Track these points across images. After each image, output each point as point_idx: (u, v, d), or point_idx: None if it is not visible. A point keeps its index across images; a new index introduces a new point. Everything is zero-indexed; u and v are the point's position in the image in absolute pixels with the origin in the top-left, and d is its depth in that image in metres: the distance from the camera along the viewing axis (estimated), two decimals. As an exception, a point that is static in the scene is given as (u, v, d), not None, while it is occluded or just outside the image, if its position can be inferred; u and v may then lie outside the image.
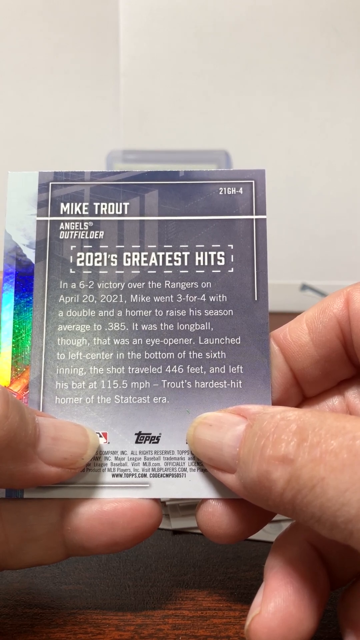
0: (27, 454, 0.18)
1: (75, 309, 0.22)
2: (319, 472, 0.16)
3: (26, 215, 0.23)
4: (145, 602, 0.22)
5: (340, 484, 0.15)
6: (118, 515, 0.20)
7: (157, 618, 0.21)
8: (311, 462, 0.16)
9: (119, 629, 0.21)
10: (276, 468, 0.17)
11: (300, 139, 0.70)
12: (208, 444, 0.20)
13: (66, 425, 0.20)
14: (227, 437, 0.19)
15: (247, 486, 0.18)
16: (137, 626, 0.21)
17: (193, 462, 0.21)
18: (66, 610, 0.22)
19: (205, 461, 0.20)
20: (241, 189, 0.23)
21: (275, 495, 0.17)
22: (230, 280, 0.22)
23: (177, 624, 0.21)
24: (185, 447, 0.21)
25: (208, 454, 0.20)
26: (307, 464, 0.16)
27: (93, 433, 0.21)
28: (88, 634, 0.20)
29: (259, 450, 0.18)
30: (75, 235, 0.23)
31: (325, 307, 0.22)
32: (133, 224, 0.23)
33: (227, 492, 0.21)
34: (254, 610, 0.18)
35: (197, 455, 0.21)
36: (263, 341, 0.22)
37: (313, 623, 0.18)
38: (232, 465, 0.19)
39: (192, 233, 0.23)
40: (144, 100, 0.69)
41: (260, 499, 0.18)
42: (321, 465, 0.16)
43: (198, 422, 0.21)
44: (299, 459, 0.16)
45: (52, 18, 0.69)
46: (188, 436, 0.21)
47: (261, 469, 0.17)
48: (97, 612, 0.22)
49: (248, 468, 0.18)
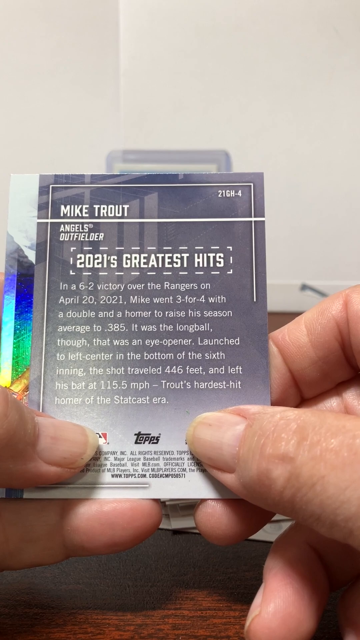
0: (26, 453, 0.18)
1: (75, 310, 0.22)
2: (319, 470, 0.16)
3: (27, 217, 0.23)
4: (145, 602, 0.22)
5: (340, 481, 0.16)
6: (117, 516, 0.20)
7: (157, 618, 0.21)
8: (311, 460, 0.16)
9: (119, 629, 0.21)
10: (276, 466, 0.17)
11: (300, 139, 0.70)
12: (207, 444, 0.20)
13: (65, 425, 0.20)
14: (226, 436, 0.19)
15: (246, 485, 0.18)
16: (137, 626, 0.21)
17: (192, 463, 0.21)
18: (66, 610, 0.22)
19: (204, 461, 0.20)
20: (240, 192, 0.23)
21: (275, 494, 0.17)
22: (229, 282, 0.22)
23: (177, 624, 0.21)
24: (184, 447, 0.21)
25: (207, 453, 0.20)
26: (308, 462, 0.16)
27: (92, 433, 0.21)
28: (88, 634, 0.21)
29: (258, 449, 0.18)
30: (76, 237, 0.23)
31: (324, 309, 0.22)
32: (133, 226, 0.23)
33: (226, 493, 0.21)
34: (253, 611, 0.18)
35: (196, 455, 0.21)
36: (262, 342, 0.22)
37: (313, 624, 0.18)
38: (232, 465, 0.19)
39: (191, 235, 0.23)
40: (144, 100, 0.69)
41: (259, 498, 0.18)
42: (321, 464, 0.16)
43: (197, 422, 0.21)
44: (299, 457, 0.16)
45: (52, 18, 0.69)
46: (187, 436, 0.21)
47: (261, 467, 0.17)
48: (97, 612, 0.22)
49: (248, 467, 0.18)
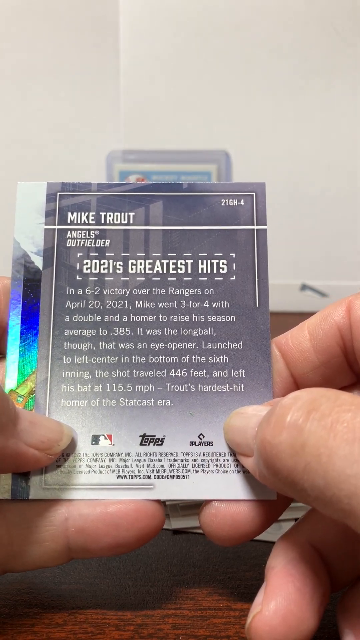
0: (7, 427, 0.19)
1: (81, 314, 0.23)
2: (328, 441, 0.15)
3: (35, 224, 0.23)
4: (145, 602, 0.22)
5: (350, 454, 0.15)
6: (122, 517, 0.20)
7: (157, 618, 0.21)
8: (321, 430, 0.16)
9: (119, 629, 0.21)
10: (281, 432, 0.17)
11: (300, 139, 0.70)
12: (236, 429, 0.21)
13: (41, 416, 0.21)
14: (252, 421, 0.20)
15: (256, 460, 0.18)
16: (137, 626, 0.21)
17: (197, 464, 0.21)
18: (66, 610, 0.22)
19: (233, 448, 0.21)
20: (242, 201, 0.24)
21: (277, 462, 0.17)
22: (232, 287, 0.23)
23: (177, 624, 0.21)
24: (188, 449, 0.22)
25: (236, 439, 0.21)
26: (316, 431, 0.16)
27: (66, 425, 0.21)
28: (88, 634, 0.21)
29: (267, 419, 0.18)
30: (82, 243, 0.23)
31: (327, 314, 0.22)
32: (138, 233, 0.23)
33: (230, 494, 0.21)
34: (255, 609, 0.18)
35: (228, 443, 0.21)
36: (264, 346, 0.22)
37: (314, 622, 0.18)
38: (252, 447, 0.19)
39: (195, 242, 0.23)
40: (144, 100, 0.69)
41: (266, 473, 0.18)
42: (331, 434, 0.15)
43: (234, 412, 0.21)
44: (307, 426, 0.16)
45: (52, 18, 0.69)
46: (224, 426, 0.22)
47: (266, 434, 0.17)
48: (97, 612, 0.22)
49: (257, 440, 0.18)
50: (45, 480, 0.21)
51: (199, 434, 0.22)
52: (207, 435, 0.22)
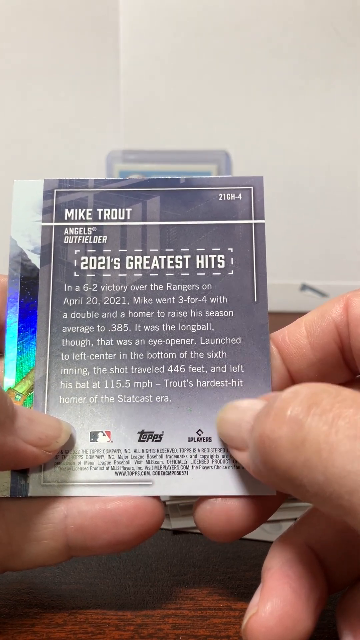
0: (5, 425, 0.19)
1: (79, 311, 0.23)
2: (330, 436, 0.15)
3: (31, 222, 0.23)
4: (145, 602, 0.22)
5: (351, 451, 0.15)
6: (121, 513, 0.20)
7: (157, 618, 0.21)
8: (322, 424, 0.15)
9: (119, 629, 0.21)
10: (280, 427, 0.16)
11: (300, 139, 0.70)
12: (230, 423, 0.20)
13: (39, 413, 0.21)
14: (247, 415, 0.19)
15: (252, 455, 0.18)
16: (137, 626, 0.21)
17: (195, 460, 0.21)
18: (66, 610, 0.22)
19: (226, 442, 0.21)
20: (240, 195, 0.24)
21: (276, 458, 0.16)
22: (230, 282, 0.23)
23: (177, 624, 0.21)
24: (187, 445, 0.22)
25: (230, 433, 0.20)
26: (317, 426, 0.15)
27: (65, 422, 0.21)
28: (88, 634, 0.21)
29: (265, 413, 0.17)
30: (80, 240, 0.23)
31: (324, 311, 0.22)
32: (135, 229, 0.23)
33: (228, 490, 0.21)
34: (251, 610, 0.18)
35: (221, 437, 0.21)
36: (263, 341, 0.22)
37: (310, 623, 0.18)
38: (247, 441, 0.19)
39: (192, 237, 0.23)
40: (144, 100, 0.69)
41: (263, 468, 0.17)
42: (332, 429, 0.15)
43: (228, 406, 0.21)
44: (308, 420, 0.16)
45: (52, 18, 0.69)
46: (217, 420, 0.21)
47: (265, 429, 0.17)
48: (97, 612, 0.22)
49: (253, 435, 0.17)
50: (44, 478, 0.21)
51: (198, 430, 0.22)
52: (205, 431, 0.22)
